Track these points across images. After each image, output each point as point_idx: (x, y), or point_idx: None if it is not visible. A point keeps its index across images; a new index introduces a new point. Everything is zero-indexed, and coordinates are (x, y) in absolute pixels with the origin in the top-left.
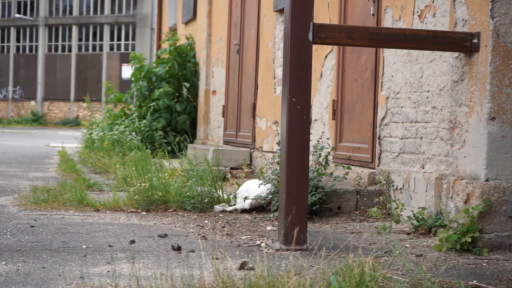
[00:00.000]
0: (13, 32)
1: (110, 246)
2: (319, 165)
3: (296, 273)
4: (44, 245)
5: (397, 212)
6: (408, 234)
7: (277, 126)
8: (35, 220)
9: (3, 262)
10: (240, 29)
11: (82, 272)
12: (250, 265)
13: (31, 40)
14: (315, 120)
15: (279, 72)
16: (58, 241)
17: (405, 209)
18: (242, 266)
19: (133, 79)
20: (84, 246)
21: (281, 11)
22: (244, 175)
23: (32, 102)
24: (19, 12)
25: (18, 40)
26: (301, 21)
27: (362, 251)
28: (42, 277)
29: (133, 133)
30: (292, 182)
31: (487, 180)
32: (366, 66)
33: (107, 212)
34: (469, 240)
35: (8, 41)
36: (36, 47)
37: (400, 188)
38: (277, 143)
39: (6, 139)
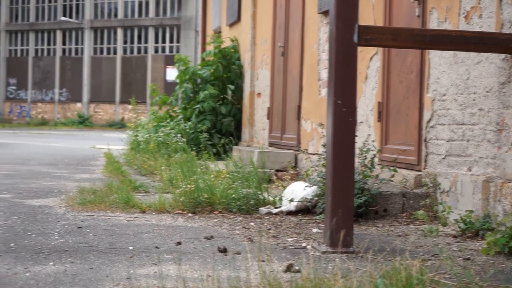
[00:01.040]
0: (59, 35)
1: (156, 247)
2: (365, 168)
3: (342, 275)
4: (91, 246)
5: (444, 215)
6: (455, 237)
7: (322, 128)
8: (82, 221)
9: (51, 263)
10: (284, 31)
11: (129, 273)
12: (296, 268)
13: (77, 43)
14: (361, 122)
15: (324, 74)
16: (105, 242)
17: (452, 212)
18: (288, 269)
19: (178, 81)
20: (130, 247)
21: (325, 13)
22: (289, 177)
23: (78, 104)
24: (64, 15)
25: (64, 43)
26: (346, 23)
27: (409, 254)
28: (89, 278)
29: (179, 135)
30: (338, 185)
31: None
32: (412, 68)
33: (153, 213)
34: None
35: (54, 44)
36: (82, 49)
37: (447, 191)
38: (322, 145)
39: (52, 141)
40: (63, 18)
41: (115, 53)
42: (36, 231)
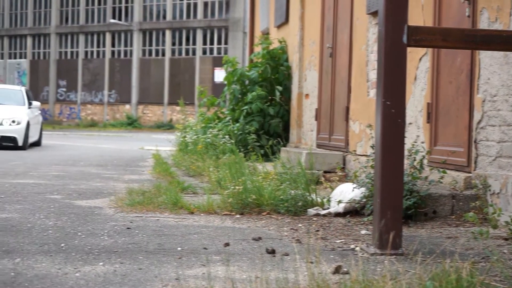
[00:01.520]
0: (108, 37)
1: (205, 248)
2: (414, 169)
3: (391, 277)
4: (140, 246)
5: (494, 217)
6: (506, 239)
7: (370, 130)
8: (131, 222)
9: (101, 263)
10: (332, 32)
11: (178, 274)
12: (345, 269)
13: (125, 45)
14: (410, 123)
15: (372, 75)
16: (154, 243)
17: (502, 214)
18: (337, 270)
19: (226, 82)
20: (179, 248)
21: (374, 13)
22: (337, 178)
23: (127, 106)
24: (114, 18)
25: (113, 45)
26: (395, 23)
27: (459, 257)
28: (138, 278)
29: (227, 136)
30: (387, 186)
31: None
32: (462, 69)
33: (201, 214)
34: None
35: (104, 46)
36: (131, 51)
37: (497, 193)
38: (371, 146)
39: (101, 142)
40: (112, 21)
41: (163, 54)
42: (86, 232)
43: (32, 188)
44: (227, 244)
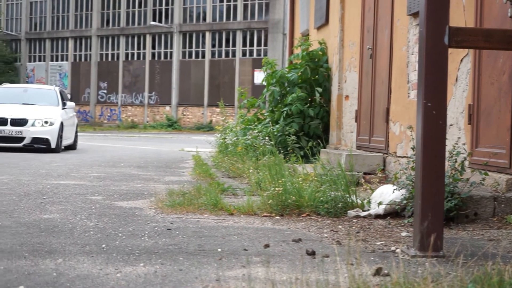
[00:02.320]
0: (148, 39)
1: (245, 249)
2: (455, 171)
3: (432, 280)
4: (180, 247)
5: None
6: None
7: (411, 131)
8: (171, 223)
9: (141, 264)
10: (373, 33)
11: (218, 275)
12: (385, 271)
13: (166, 47)
14: (451, 125)
15: (413, 77)
16: (194, 244)
17: None
18: (378, 272)
19: (265, 84)
20: (219, 250)
21: (414, 14)
22: (377, 180)
23: (167, 108)
24: (154, 20)
25: (153, 47)
26: (436, 24)
27: (501, 259)
28: (179, 279)
29: (266, 138)
30: (428, 188)
31: None
32: (504, 70)
33: (241, 216)
34: None
35: (144, 48)
36: (171, 53)
37: None
38: (411, 148)
39: (142, 144)
40: (152, 23)
41: (203, 56)
42: (127, 233)
43: (73, 189)
44: (267, 246)
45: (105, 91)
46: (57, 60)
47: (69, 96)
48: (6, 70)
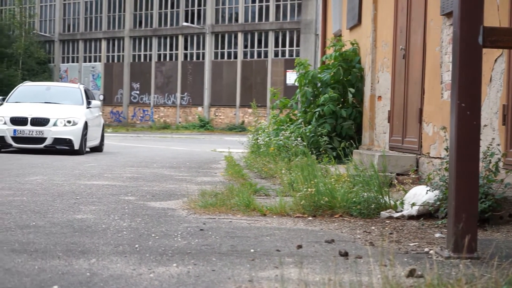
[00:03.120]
0: (181, 40)
1: (277, 250)
2: (489, 172)
3: (467, 282)
4: (213, 248)
5: None
6: None
7: (444, 132)
8: (204, 224)
9: (174, 264)
10: (406, 33)
11: (251, 276)
12: (419, 273)
13: (198, 48)
14: (484, 125)
15: (446, 77)
16: (227, 244)
17: None
18: (411, 274)
19: (297, 84)
20: (252, 250)
21: (448, 14)
22: (410, 181)
23: (199, 108)
24: (186, 21)
25: (186, 48)
26: (470, 24)
27: None
28: (212, 280)
29: (299, 138)
30: (462, 189)
31: None
32: None
33: (274, 216)
34: None
35: (177, 49)
36: (203, 54)
37: None
38: (445, 148)
39: (174, 144)
40: (185, 24)
41: (235, 57)
42: (160, 233)
43: (106, 189)
44: (299, 246)
45: (138, 92)
46: (90, 61)
47: (102, 96)
48: (40, 71)
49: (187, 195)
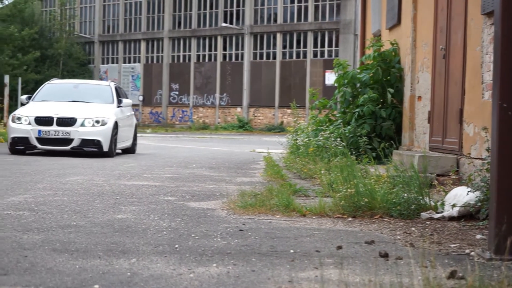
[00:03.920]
0: (220, 40)
1: (317, 251)
2: None
3: (509, 283)
4: (252, 248)
5: None
6: None
7: (486, 132)
8: (244, 224)
9: (214, 265)
10: (446, 33)
11: (291, 277)
12: (460, 274)
13: (237, 48)
14: None
15: (487, 77)
16: (266, 245)
17: None
18: (452, 275)
19: (336, 85)
20: (291, 251)
21: (489, 14)
22: (451, 182)
23: (238, 109)
24: (225, 21)
25: (224, 49)
26: None
27: None
28: (251, 280)
29: (338, 139)
30: (503, 190)
31: None
32: None
33: (313, 217)
34: None
35: (215, 49)
36: (242, 55)
37: None
38: (486, 149)
39: (213, 145)
40: (224, 24)
41: (274, 57)
42: (199, 233)
43: (146, 189)
44: (339, 247)
45: (177, 93)
46: (129, 62)
47: (141, 97)
48: (80, 72)
49: (226, 195)
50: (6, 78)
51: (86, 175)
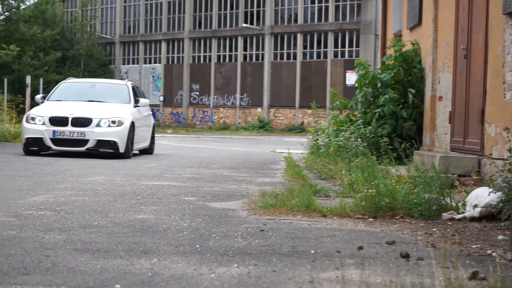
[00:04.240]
0: (240, 41)
1: (338, 251)
2: None
3: None
4: (273, 249)
5: None
6: None
7: (507, 133)
8: (264, 225)
9: (235, 265)
10: (467, 33)
11: (312, 277)
12: (482, 275)
13: (257, 49)
14: None
15: (509, 77)
16: (287, 245)
17: None
18: (474, 276)
19: (357, 85)
20: (312, 251)
21: (510, 14)
22: (472, 182)
23: (259, 109)
24: (246, 22)
25: (245, 49)
26: None
27: None
28: (272, 281)
29: (359, 139)
30: None
31: None
32: None
33: (334, 217)
34: None
35: (236, 50)
36: (263, 55)
37: None
38: (508, 149)
39: (234, 145)
40: (244, 25)
41: (294, 58)
42: (220, 233)
43: (167, 190)
44: (360, 248)
45: (197, 93)
46: (150, 63)
47: (162, 98)
48: (101, 72)
49: (247, 195)
50: (28, 79)
51: (107, 175)
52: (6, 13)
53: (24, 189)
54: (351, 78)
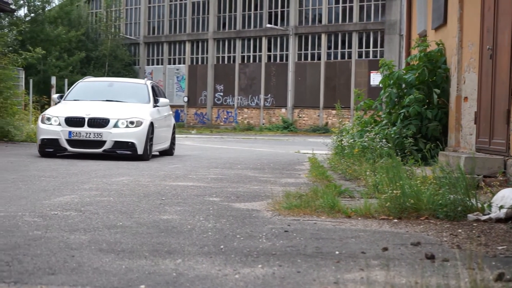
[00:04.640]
0: (264, 41)
1: (363, 252)
2: None
3: None
4: (298, 249)
5: None
6: None
7: None
8: (289, 225)
9: (260, 265)
10: (493, 33)
11: (336, 278)
12: (508, 277)
13: (281, 49)
14: None
15: None
16: (312, 246)
17: None
18: (500, 277)
19: (382, 86)
20: (337, 252)
21: None
22: (498, 183)
23: (283, 110)
24: (270, 23)
25: (269, 50)
26: None
27: None
28: (297, 281)
29: (383, 140)
30: None
31: None
32: None
33: (359, 218)
34: None
35: (260, 50)
36: (287, 56)
37: None
38: None
39: (258, 146)
40: (268, 25)
41: (319, 58)
42: (244, 234)
43: (191, 190)
44: (385, 249)
45: (222, 94)
46: (174, 64)
47: (186, 98)
48: (125, 73)
49: (271, 196)
50: (53, 80)
51: (132, 176)
52: (32, 14)
53: (49, 190)
54: (376, 78)
